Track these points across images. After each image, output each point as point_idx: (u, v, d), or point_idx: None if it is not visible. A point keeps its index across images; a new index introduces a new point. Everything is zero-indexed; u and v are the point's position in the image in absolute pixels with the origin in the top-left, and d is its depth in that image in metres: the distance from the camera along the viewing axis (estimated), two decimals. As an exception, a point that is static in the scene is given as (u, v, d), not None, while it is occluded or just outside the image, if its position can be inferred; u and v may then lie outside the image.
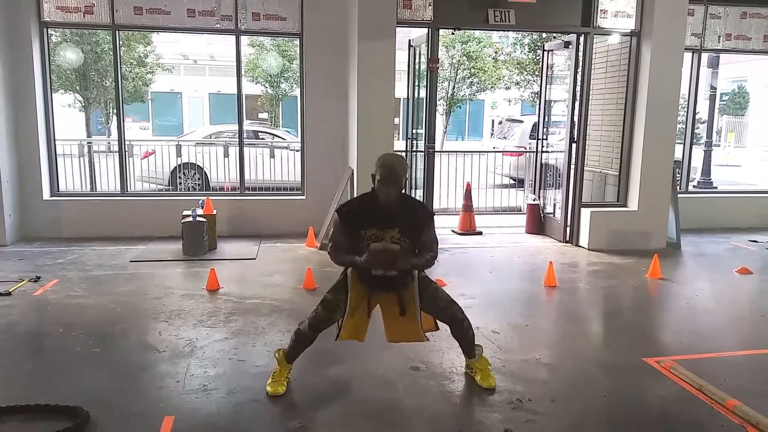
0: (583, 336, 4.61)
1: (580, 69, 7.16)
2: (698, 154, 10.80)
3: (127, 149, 7.83)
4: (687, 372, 3.72)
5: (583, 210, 7.37)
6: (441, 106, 21.19)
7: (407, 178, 3.30)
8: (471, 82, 21.78)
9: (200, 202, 7.06)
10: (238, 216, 7.55)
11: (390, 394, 3.51)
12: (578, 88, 7.23)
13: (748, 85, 24.76)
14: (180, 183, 10.10)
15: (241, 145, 7.90)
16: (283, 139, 12.21)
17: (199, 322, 4.58)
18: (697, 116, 9.16)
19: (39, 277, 5.58)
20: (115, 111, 8.36)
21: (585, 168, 7.42)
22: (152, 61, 16.26)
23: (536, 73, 15.73)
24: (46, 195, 7.29)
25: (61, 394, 3.34)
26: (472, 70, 21.21)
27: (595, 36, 7.17)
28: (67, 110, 12.80)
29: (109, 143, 12.33)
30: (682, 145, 8.70)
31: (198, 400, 3.37)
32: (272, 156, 9.88)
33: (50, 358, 3.98)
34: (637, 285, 5.86)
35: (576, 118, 7.31)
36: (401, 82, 8.05)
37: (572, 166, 7.39)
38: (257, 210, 7.65)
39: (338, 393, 3.52)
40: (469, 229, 8.00)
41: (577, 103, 7.28)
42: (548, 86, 8.17)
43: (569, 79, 7.39)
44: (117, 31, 7.27)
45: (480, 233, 7.98)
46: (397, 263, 3.17)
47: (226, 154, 9.66)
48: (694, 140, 9.02)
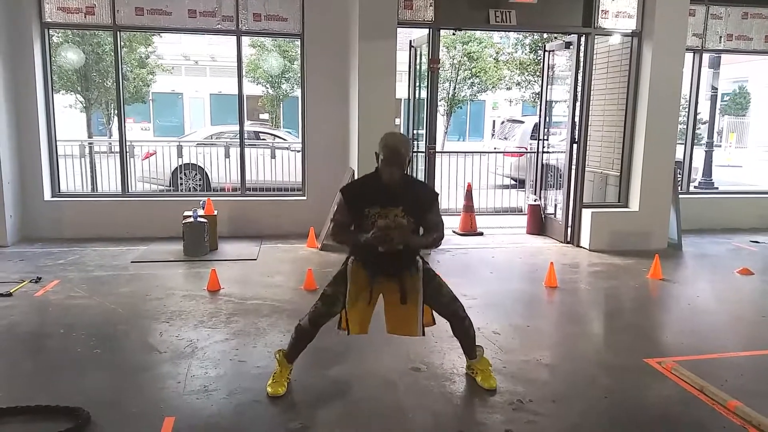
0: (584, 337, 4.61)
1: (581, 69, 7.17)
2: (699, 154, 10.80)
3: (128, 150, 7.83)
4: (688, 373, 3.71)
5: (584, 211, 7.36)
6: (442, 107, 21.17)
7: (411, 158, 3.27)
8: (472, 82, 21.77)
9: (201, 202, 7.06)
10: (239, 217, 7.55)
11: (391, 395, 3.51)
12: (579, 89, 7.23)
13: (750, 86, 24.76)
14: (181, 184, 10.11)
15: (242, 145, 7.90)
16: (284, 139, 12.21)
17: (200, 322, 4.58)
18: (698, 117, 9.15)
19: (40, 278, 5.59)
20: (116, 112, 8.36)
21: (586, 168, 7.43)
22: (153, 61, 16.30)
23: (537, 73, 15.71)
24: (47, 196, 7.30)
25: (61, 395, 3.34)
26: (473, 70, 21.19)
27: (596, 36, 7.16)
28: (69, 111, 12.84)
29: (110, 144, 12.34)
30: (683, 146, 8.70)
31: (199, 401, 3.37)
32: (273, 157, 9.89)
33: (51, 358, 3.98)
34: (638, 286, 5.86)
35: (577, 119, 7.31)
36: (402, 83, 8.06)
37: (573, 167, 7.38)
38: (258, 211, 7.65)
39: (339, 393, 3.52)
40: (470, 229, 8.00)
41: (578, 104, 7.27)
42: (549, 87, 8.17)
43: (570, 79, 7.39)
44: (118, 32, 7.29)
45: (481, 234, 7.98)
46: (403, 237, 3.12)
47: (227, 155, 9.67)
48: (696, 141, 9.01)
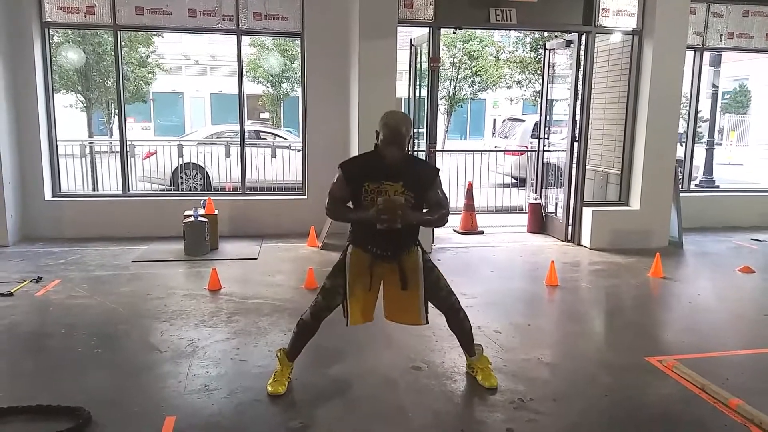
0: (584, 335, 4.60)
1: (581, 68, 7.16)
2: (700, 152, 10.78)
3: (128, 149, 7.83)
4: (689, 371, 3.71)
5: (584, 209, 7.35)
6: (442, 106, 21.16)
7: (411, 136, 3.26)
8: (472, 81, 21.76)
9: (202, 202, 7.06)
10: (239, 216, 7.55)
11: (391, 394, 3.51)
12: (580, 87, 7.22)
13: (750, 84, 24.72)
14: (181, 183, 10.11)
15: (243, 145, 7.90)
16: (285, 138, 12.20)
17: (201, 322, 4.59)
18: (699, 115, 9.14)
19: (41, 278, 5.59)
20: (116, 111, 8.37)
21: (587, 167, 7.42)
22: (154, 61, 16.29)
23: (538, 72, 15.70)
24: (48, 195, 7.30)
25: (62, 395, 3.34)
26: (474, 69, 21.18)
27: (596, 35, 7.15)
28: (69, 111, 12.83)
29: (111, 143, 12.34)
30: (684, 144, 8.69)
31: (200, 400, 3.37)
32: (274, 156, 9.88)
33: (52, 358, 3.98)
34: (639, 284, 5.85)
35: (578, 117, 7.30)
36: (402, 82, 8.06)
37: (574, 165, 7.38)
38: (259, 210, 7.65)
39: (339, 392, 3.52)
40: (470, 228, 8.00)
41: (578, 102, 7.26)
42: (550, 85, 8.16)
43: (571, 78, 7.38)
44: (118, 32, 7.28)
45: (482, 232, 7.97)
46: (404, 214, 3.08)
47: (228, 154, 9.66)
48: (696, 139, 9.00)
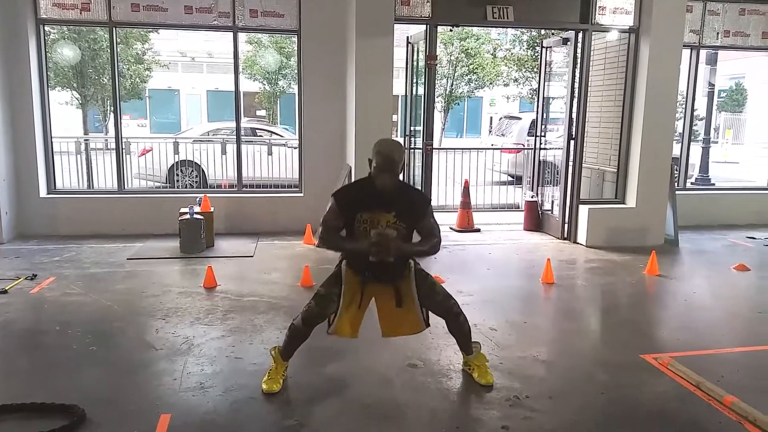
0: (580, 333, 4.61)
1: (578, 66, 7.15)
2: (696, 150, 10.79)
3: (124, 146, 7.82)
4: (684, 369, 3.72)
5: (581, 207, 7.36)
6: (439, 103, 21.15)
7: (404, 163, 3.28)
8: (469, 79, 21.75)
9: (197, 199, 7.04)
10: (235, 213, 7.53)
11: (387, 392, 3.51)
12: (576, 85, 7.22)
13: (746, 82, 24.77)
14: (177, 180, 10.08)
15: (239, 142, 7.87)
16: (281, 136, 12.16)
17: (197, 319, 4.57)
18: (695, 113, 9.15)
19: (35, 275, 5.57)
20: (112, 108, 8.33)
21: (583, 165, 7.43)
22: (150, 58, 16.22)
23: (535, 70, 15.69)
24: (43, 192, 7.27)
25: (57, 392, 3.33)
26: (471, 66, 21.17)
27: (593, 33, 7.15)
28: (65, 107, 12.76)
29: (107, 140, 12.26)
30: (680, 142, 8.70)
31: (195, 398, 3.36)
32: (270, 153, 9.85)
33: (47, 356, 3.96)
34: (635, 282, 5.86)
35: (574, 115, 7.30)
36: (399, 79, 8.03)
37: (570, 163, 7.38)
38: (255, 207, 7.64)
39: (335, 390, 3.52)
40: (467, 226, 8.00)
41: (575, 100, 7.26)
42: (546, 83, 8.16)
43: (567, 75, 7.38)
44: (114, 28, 7.26)
45: (478, 230, 7.98)
46: (395, 248, 3.11)
47: (224, 152, 9.63)
48: (692, 137, 9.01)
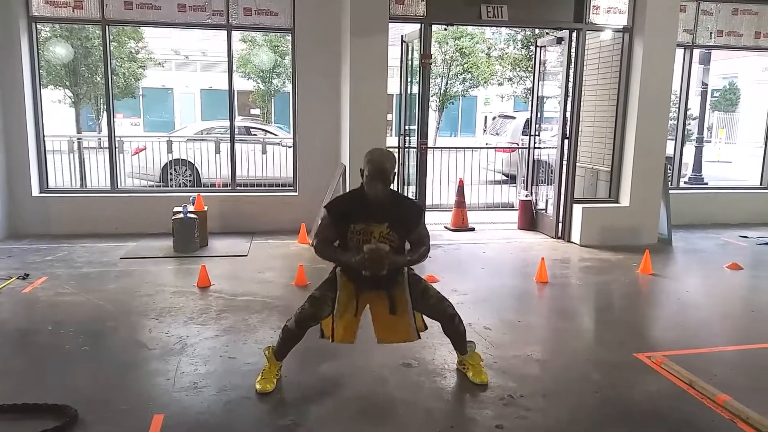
0: (574, 332, 4.62)
1: (572, 65, 7.17)
2: (689, 150, 10.84)
3: (117, 145, 7.76)
4: (678, 367, 3.73)
5: (575, 206, 7.38)
6: (434, 102, 21.14)
7: (396, 173, 3.29)
8: (464, 78, 21.76)
9: (191, 198, 7.02)
10: (229, 212, 7.51)
11: (382, 391, 3.51)
12: (570, 85, 7.23)
13: (739, 82, 24.90)
14: (171, 179, 10.04)
15: (233, 141, 7.85)
16: (275, 135, 12.14)
17: (190, 319, 4.56)
18: (688, 112, 9.18)
19: (28, 275, 5.53)
20: (105, 107, 8.29)
21: (577, 164, 7.44)
22: (143, 56, 16.15)
23: (529, 69, 15.71)
24: (35, 191, 7.23)
25: (49, 393, 3.31)
26: (465, 66, 21.17)
27: (587, 32, 7.17)
28: (57, 106, 12.69)
29: (100, 139, 12.22)
30: (673, 142, 8.73)
31: (188, 398, 3.35)
32: (264, 152, 9.82)
33: (39, 356, 3.94)
34: (629, 281, 5.88)
35: (568, 115, 7.31)
36: (394, 78, 8.03)
37: (564, 163, 7.40)
38: (249, 206, 7.61)
39: (329, 390, 3.51)
40: (461, 225, 8.00)
41: (569, 100, 7.28)
42: (541, 82, 8.17)
43: (562, 75, 7.39)
44: (107, 27, 7.21)
45: (472, 229, 7.98)
46: (388, 262, 3.14)
47: (218, 151, 9.59)
48: (686, 136, 9.04)
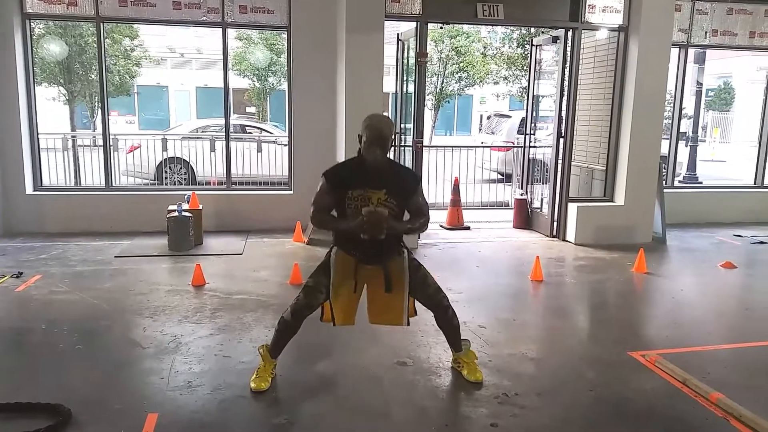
0: (569, 330, 4.63)
1: (568, 64, 7.17)
2: (684, 149, 10.89)
3: (112, 143, 7.74)
4: (672, 366, 3.74)
5: (569, 205, 7.39)
6: (429, 101, 21.16)
7: (394, 139, 3.27)
8: (459, 77, 21.78)
9: (186, 196, 7.00)
10: (224, 211, 7.49)
11: (376, 390, 3.51)
12: (566, 84, 7.24)
13: (734, 81, 25.01)
14: (166, 177, 10.01)
15: (228, 139, 7.82)
16: (271, 133, 12.12)
17: (185, 317, 4.54)
18: (683, 112, 9.21)
19: (21, 273, 5.51)
20: (99, 104, 8.26)
21: (572, 163, 7.46)
22: (138, 54, 16.11)
23: (524, 68, 15.73)
24: (29, 189, 7.20)
25: (43, 392, 3.29)
26: (461, 64, 21.19)
27: (583, 31, 7.18)
28: (51, 103, 12.65)
29: (94, 137, 12.18)
30: (668, 141, 8.76)
31: (182, 397, 3.34)
32: (259, 150, 9.81)
33: (32, 354, 3.92)
34: (623, 279, 5.89)
35: (564, 114, 7.33)
36: (389, 77, 8.01)
37: (559, 161, 7.40)
38: (244, 205, 7.60)
39: (324, 388, 3.51)
40: (456, 223, 8.00)
41: (564, 99, 7.29)
42: (536, 81, 8.19)
43: (557, 74, 7.40)
44: (101, 23, 7.18)
45: (468, 228, 7.99)
46: (387, 225, 3.10)
47: (213, 149, 9.58)
48: (680, 136, 9.07)
